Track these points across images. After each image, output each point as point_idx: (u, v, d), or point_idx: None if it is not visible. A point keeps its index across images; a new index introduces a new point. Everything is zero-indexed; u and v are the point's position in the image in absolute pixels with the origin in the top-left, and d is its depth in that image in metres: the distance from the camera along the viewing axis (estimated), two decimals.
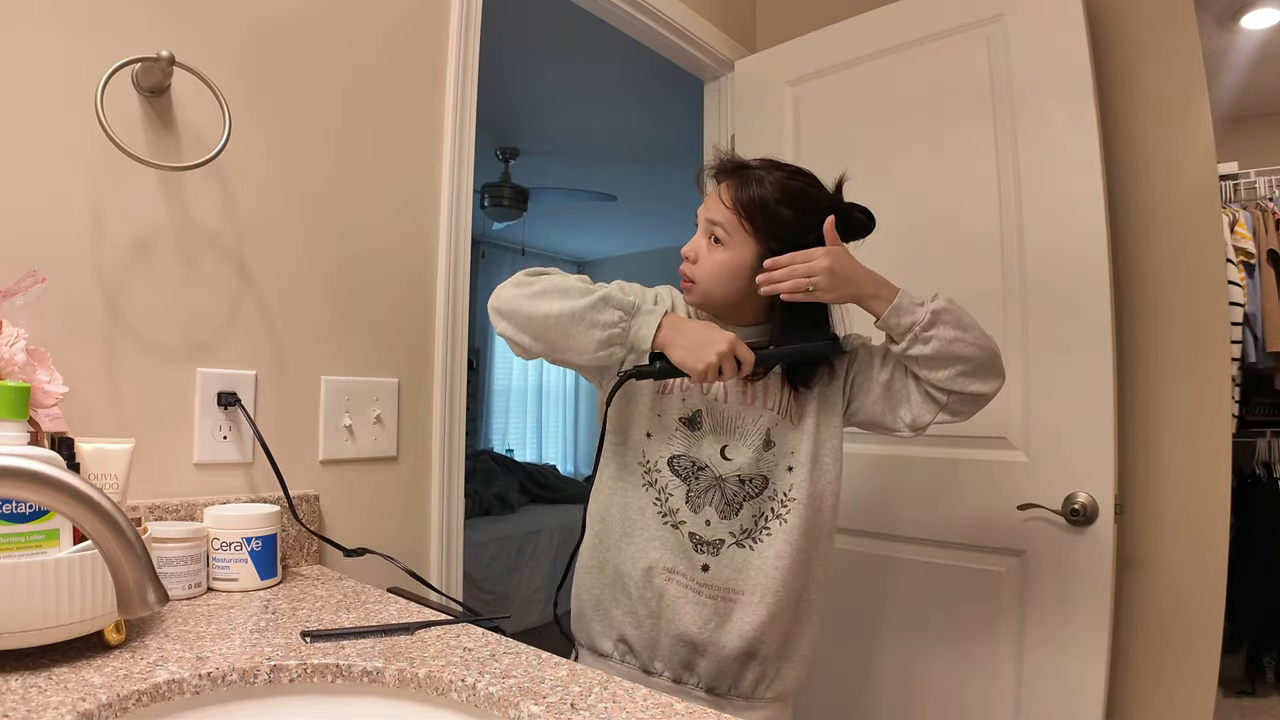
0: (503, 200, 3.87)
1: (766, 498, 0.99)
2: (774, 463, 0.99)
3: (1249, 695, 2.83)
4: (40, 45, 0.86)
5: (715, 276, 0.97)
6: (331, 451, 1.14)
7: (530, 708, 0.57)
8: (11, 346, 0.74)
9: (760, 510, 0.99)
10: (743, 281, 0.97)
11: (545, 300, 0.92)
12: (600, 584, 1.03)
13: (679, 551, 0.98)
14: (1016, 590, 1.40)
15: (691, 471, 0.99)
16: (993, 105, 1.48)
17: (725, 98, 1.95)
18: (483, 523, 3.55)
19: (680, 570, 0.98)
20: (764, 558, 0.97)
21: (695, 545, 0.98)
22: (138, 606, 0.48)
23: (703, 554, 0.98)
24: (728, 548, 0.98)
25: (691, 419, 1.00)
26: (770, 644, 0.98)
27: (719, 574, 0.97)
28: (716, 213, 0.97)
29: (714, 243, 0.97)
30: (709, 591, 0.97)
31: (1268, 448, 2.95)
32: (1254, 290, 2.62)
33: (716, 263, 0.97)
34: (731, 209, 0.96)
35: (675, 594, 0.97)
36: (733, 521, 0.98)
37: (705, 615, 0.97)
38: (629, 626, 1.00)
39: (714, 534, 0.98)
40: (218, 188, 1.02)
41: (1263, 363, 2.63)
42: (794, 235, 0.95)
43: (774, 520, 0.98)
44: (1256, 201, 2.77)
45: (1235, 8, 2.60)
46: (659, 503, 0.99)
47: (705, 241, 0.98)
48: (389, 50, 1.22)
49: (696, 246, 0.99)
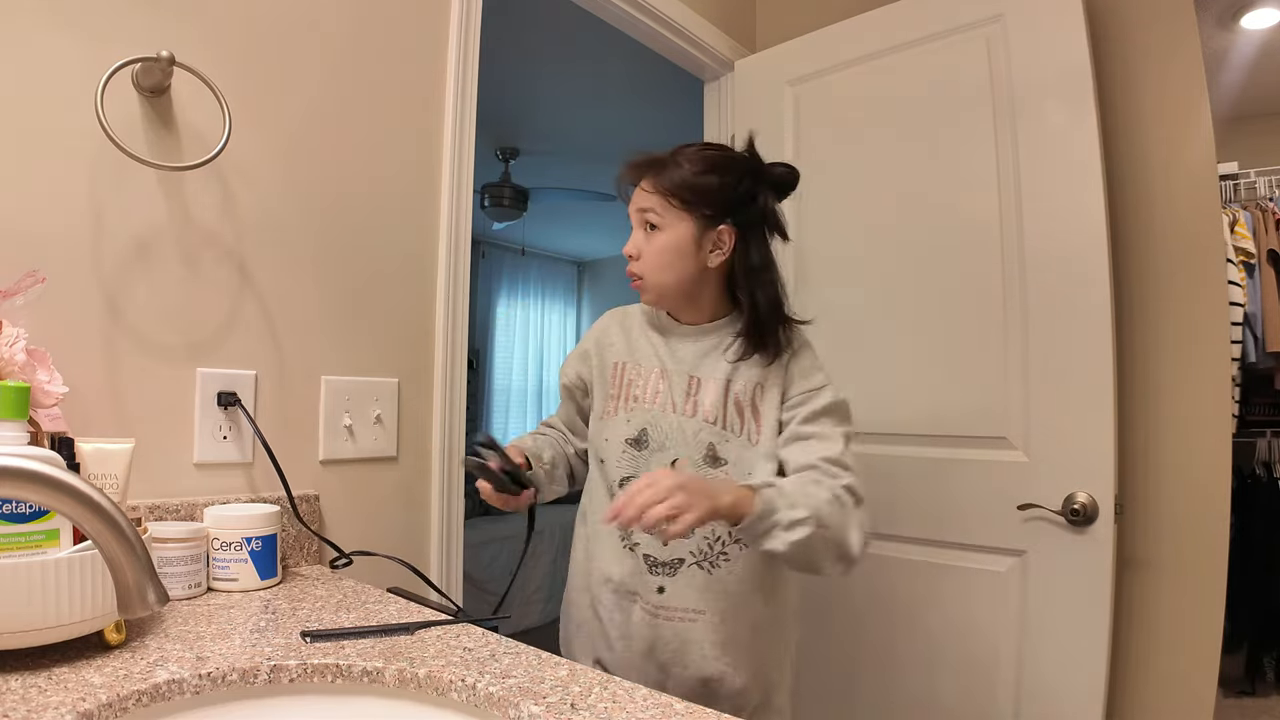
0: (503, 200, 3.87)
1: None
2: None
3: (1249, 695, 2.82)
4: (40, 45, 0.86)
5: (659, 263, 0.97)
6: (331, 451, 1.14)
7: (530, 708, 0.57)
8: (11, 346, 0.74)
9: (714, 532, 0.96)
10: (689, 258, 0.96)
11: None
12: (578, 605, 1.04)
13: (635, 574, 0.97)
14: (1017, 590, 1.40)
15: None
16: (993, 105, 1.48)
17: (725, 98, 1.95)
18: (483, 523, 3.55)
19: (638, 592, 0.97)
20: (724, 581, 0.95)
21: (650, 567, 0.97)
22: (138, 606, 0.48)
23: (658, 575, 0.96)
24: (687, 567, 0.96)
25: (638, 439, 0.99)
26: (740, 668, 0.95)
27: (676, 595, 0.95)
28: (643, 200, 0.98)
29: (650, 230, 0.97)
30: (665, 614, 0.95)
31: (1268, 448, 2.95)
32: (1254, 290, 2.62)
33: (657, 248, 0.96)
34: (657, 193, 0.96)
35: (638, 617, 0.97)
36: (690, 540, 0.95)
37: (665, 637, 0.95)
38: (603, 649, 1.00)
39: (670, 554, 0.96)
40: (218, 188, 1.02)
41: (1263, 363, 2.63)
42: (723, 197, 0.95)
43: (732, 545, 0.96)
44: (1256, 201, 2.77)
45: (1235, 8, 2.60)
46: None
47: (642, 233, 0.99)
48: (389, 50, 1.22)
49: (635, 242, 0.99)
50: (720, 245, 0.96)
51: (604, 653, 1.00)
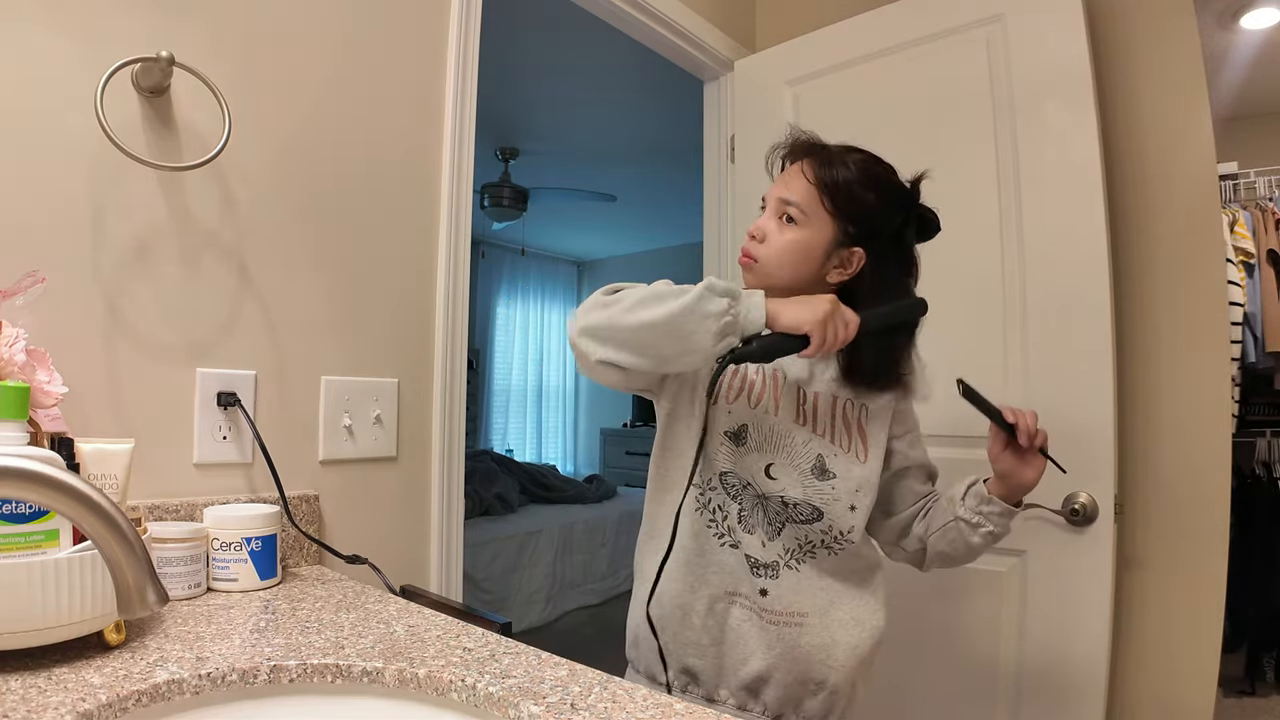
0: (503, 200, 3.88)
1: (820, 530, 0.93)
2: (833, 497, 0.93)
3: (1249, 695, 2.82)
4: (40, 45, 0.86)
5: (784, 257, 0.92)
6: (331, 451, 1.14)
7: (530, 708, 0.57)
8: (11, 346, 0.74)
9: (806, 538, 0.93)
10: (813, 265, 0.92)
11: (645, 309, 0.83)
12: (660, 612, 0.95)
13: (738, 574, 0.93)
14: (1017, 590, 1.40)
15: (740, 489, 0.94)
16: (993, 105, 1.48)
17: (725, 98, 1.95)
18: (483, 523, 3.55)
19: (742, 593, 0.93)
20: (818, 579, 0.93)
21: (753, 568, 0.93)
22: (138, 607, 0.48)
23: (760, 577, 0.93)
24: (783, 569, 0.93)
25: (737, 433, 0.95)
26: (838, 669, 0.93)
27: (779, 598, 0.92)
28: (794, 191, 0.92)
29: (785, 222, 0.93)
30: (770, 616, 0.92)
31: (1268, 448, 2.95)
32: (1254, 290, 2.62)
33: (788, 242, 0.92)
34: (814, 184, 0.92)
35: (738, 618, 0.93)
36: (777, 543, 0.93)
37: (769, 640, 0.92)
38: (692, 656, 0.95)
39: (769, 555, 0.93)
40: (218, 188, 1.02)
41: (1262, 363, 2.63)
42: (873, 221, 0.92)
43: (822, 549, 0.94)
44: (1256, 201, 2.77)
45: (1235, 8, 2.60)
46: (714, 524, 0.94)
47: (775, 221, 0.93)
48: (389, 50, 1.22)
49: (764, 226, 0.94)
50: (846, 264, 0.93)
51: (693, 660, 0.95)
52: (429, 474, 1.27)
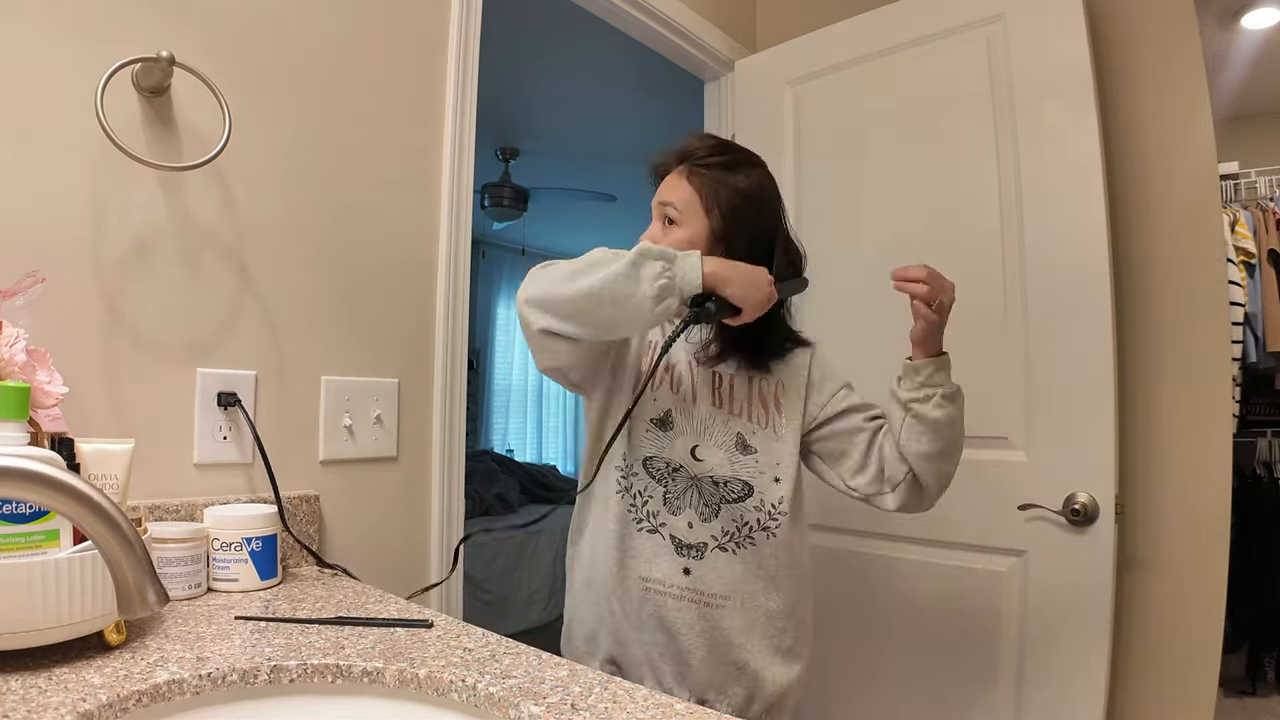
0: (503, 200, 3.87)
1: (752, 507, 0.97)
2: (757, 470, 0.97)
3: (1249, 695, 2.82)
4: (40, 45, 0.86)
5: None
6: (332, 452, 1.14)
7: (530, 708, 0.57)
8: (11, 346, 0.74)
9: (743, 518, 0.96)
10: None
11: (582, 277, 0.85)
12: (585, 600, 1.00)
13: (659, 556, 0.96)
14: (1017, 590, 1.40)
15: (667, 473, 0.97)
16: (993, 105, 1.48)
17: (725, 98, 1.95)
18: (483, 522, 3.54)
19: (658, 576, 0.96)
20: (749, 565, 0.96)
21: (677, 548, 0.96)
22: (138, 607, 0.48)
23: (684, 557, 0.96)
24: (711, 551, 0.96)
25: (663, 419, 0.99)
26: (758, 653, 0.95)
27: (702, 579, 0.95)
28: (671, 194, 0.98)
29: (668, 225, 0.98)
30: (691, 595, 0.95)
31: (1268, 448, 2.95)
32: (1254, 290, 2.62)
33: (673, 243, 0.95)
34: (687, 181, 0.97)
35: (657, 601, 0.95)
36: (713, 524, 0.96)
37: (689, 620, 0.94)
38: (612, 645, 0.97)
39: (696, 537, 0.96)
40: (218, 188, 1.02)
41: (1263, 363, 2.63)
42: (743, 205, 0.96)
43: (759, 531, 0.96)
44: (1257, 201, 2.77)
45: (1235, 8, 2.60)
46: (634, 509, 0.97)
47: (659, 226, 0.99)
48: (389, 50, 1.22)
49: (652, 234, 0.99)
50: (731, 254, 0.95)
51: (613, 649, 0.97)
52: (429, 474, 1.27)
